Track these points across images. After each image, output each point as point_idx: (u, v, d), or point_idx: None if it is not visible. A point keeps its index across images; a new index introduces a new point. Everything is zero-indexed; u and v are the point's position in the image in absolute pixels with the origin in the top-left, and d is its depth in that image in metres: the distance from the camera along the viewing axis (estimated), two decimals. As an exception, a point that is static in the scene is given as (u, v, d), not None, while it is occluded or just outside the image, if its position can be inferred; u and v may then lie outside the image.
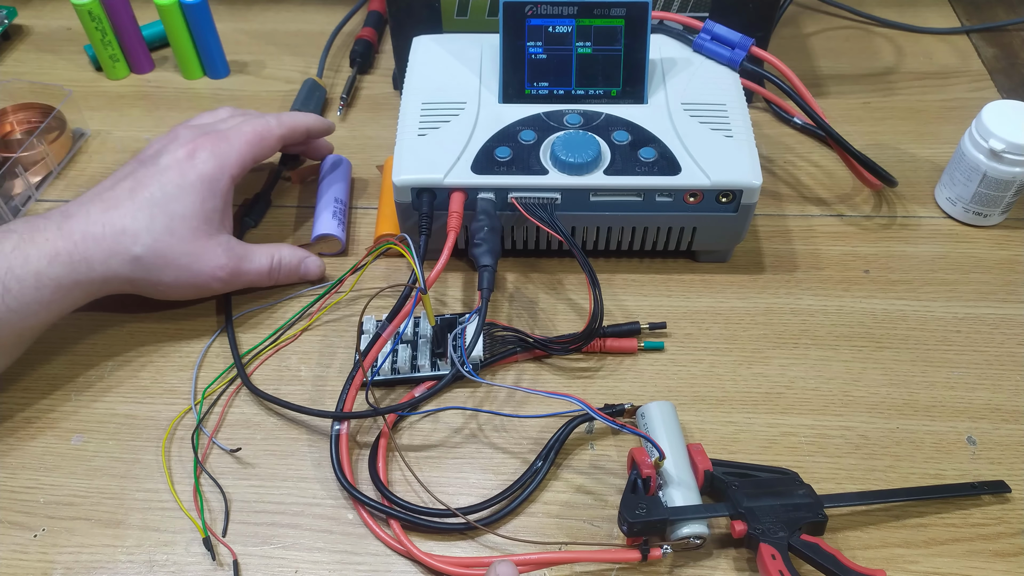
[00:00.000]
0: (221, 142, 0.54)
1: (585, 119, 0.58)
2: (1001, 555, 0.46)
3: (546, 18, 0.58)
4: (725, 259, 0.61)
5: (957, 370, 0.54)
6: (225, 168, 0.54)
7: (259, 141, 0.56)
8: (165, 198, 0.52)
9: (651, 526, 0.44)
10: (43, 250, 0.48)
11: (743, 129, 0.57)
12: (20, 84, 0.74)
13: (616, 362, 0.55)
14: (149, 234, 0.51)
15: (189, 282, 0.53)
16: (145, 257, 0.51)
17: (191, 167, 0.53)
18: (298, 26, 0.83)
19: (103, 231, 0.50)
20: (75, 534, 0.47)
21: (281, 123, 0.57)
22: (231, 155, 0.54)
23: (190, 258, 0.52)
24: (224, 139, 0.54)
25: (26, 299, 0.48)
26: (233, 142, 0.55)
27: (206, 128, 0.56)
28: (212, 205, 0.53)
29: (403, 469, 0.50)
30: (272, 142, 0.57)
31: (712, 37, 0.62)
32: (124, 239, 0.50)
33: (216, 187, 0.53)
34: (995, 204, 0.61)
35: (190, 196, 0.52)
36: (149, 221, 0.51)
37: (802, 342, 0.56)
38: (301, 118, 0.60)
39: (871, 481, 0.49)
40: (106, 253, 0.50)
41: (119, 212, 0.51)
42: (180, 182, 0.52)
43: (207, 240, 0.53)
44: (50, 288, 0.49)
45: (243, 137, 0.55)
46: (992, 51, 0.80)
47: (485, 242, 0.53)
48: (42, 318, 0.50)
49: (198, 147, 0.53)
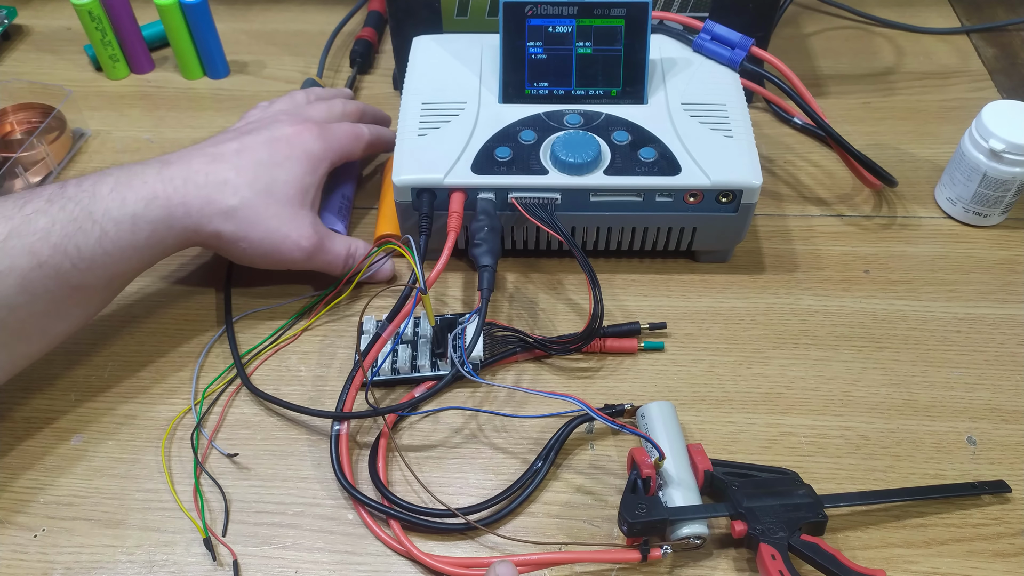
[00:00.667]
0: (326, 131, 0.57)
1: (585, 119, 0.58)
2: (1001, 555, 0.46)
3: (546, 18, 0.58)
4: (725, 259, 0.61)
5: (957, 370, 0.54)
6: (328, 152, 0.56)
7: (354, 140, 0.59)
8: (271, 162, 0.53)
9: (651, 526, 0.44)
10: (140, 193, 0.49)
11: (743, 129, 0.57)
12: (20, 84, 0.74)
13: (616, 362, 0.55)
14: (250, 188, 0.52)
15: (274, 245, 0.53)
16: (240, 209, 0.51)
17: (299, 143, 0.55)
18: (298, 26, 0.83)
19: (205, 179, 0.51)
20: (75, 534, 0.47)
21: (372, 132, 0.61)
22: (333, 143, 0.57)
23: (280, 220, 0.53)
24: (328, 129, 0.57)
25: (122, 242, 0.48)
26: (335, 133, 0.57)
27: (301, 115, 0.58)
28: (310, 181, 0.55)
29: (403, 469, 0.50)
30: (362, 146, 0.60)
31: (712, 37, 0.62)
32: (225, 189, 0.51)
33: (318, 166, 0.55)
34: (995, 204, 0.61)
35: (295, 166, 0.54)
36: (252, 178, 0.52)
37: (802, 342, 0.56)
38: (387, 134, 0.63)
39: (871, 481, 0.49)
40: (203, 201, 0.51)
41: (224, 166, 0.52)
42: (288, 152, 0.54)
43: (300, 209, 0.54)
44: (146, 232, 0.49)
45: (343, 131, 0.58)
46: (992, 51, 0.80)
47: (485, 242, 0.53)
48: (134, 263, 0.50)
49: (306, 129, 0.56)
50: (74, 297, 0.48)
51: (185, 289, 0.60)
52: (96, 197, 0.48)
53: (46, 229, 0.46)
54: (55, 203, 0.47)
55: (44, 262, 0.45)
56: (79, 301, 0.49)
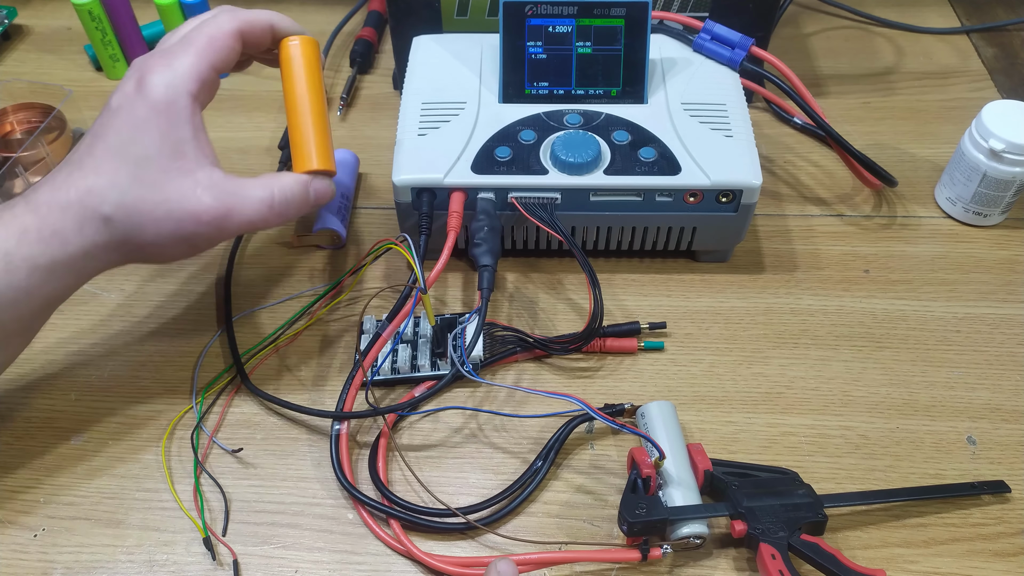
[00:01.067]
0: (167, 60, 0.45)
1: (585, 119, 0.58)
2: (1001, 555, 0.46)
3: (546, 18, 0.58)
4: (725, 259, 0.61)
5: (957, 370, 0.54)
6: (178, 88, 0.45)
7: (209, 44, 0.46)
8: (121, 143, 0.44)
9: (651, 526, 0.44)
10: (11, 228, 0.43)
11: (743, 129, 0.57)
12: (20, 84, 0.74)
13: (616, 362, 0.55)
14: (114, 188, 0.43)
15: (175, 235, 0.45)
16: (116, 216, 0.43)
17: (140, 99, 0.44)
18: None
19: (68, 196, 0.43)
20: (75, 534, 0.47)
21: (235, 16, 0.47)
22: (181, 71, 0.45)
23: (167, 207, 0.44)
24: (169, 55, 0.46)
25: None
26: (180, 56, 0.45)
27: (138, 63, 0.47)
28: (177, 136, 0.44)
29: (403, 469, 0.50)
30: (226, 41, 0.47)
31: (712, 37, 0.62)
32: (91, 200, 0.43)
33: (175, 113, 0.44)
34: (995, 204, 0.61)
35: (148, 133, 0.44)
36: (113, 174, 0.43)
37: (802, 342, 0.56)
38: (262, 12, 0.49)
39: (871, 481, 0.49)
40: (77, 221, 0.43)
41: (82, 172, 0.44)
42: (132, 120, 0.44)
43: (182, 180, 0.44)
44: (24, 271, 0.42)
45: (190, 47, 0.46)
46: (992, 51, 0.80)
47: (485, 242, 0.53)
48: (24, 308, 0.43)
49: (144, 73, 0.45)
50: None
51: (185, 289, 0.60)
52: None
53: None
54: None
55: None
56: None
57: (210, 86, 0.46)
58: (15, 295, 0.43)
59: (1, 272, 0.42)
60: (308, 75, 0.49)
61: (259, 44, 0.49)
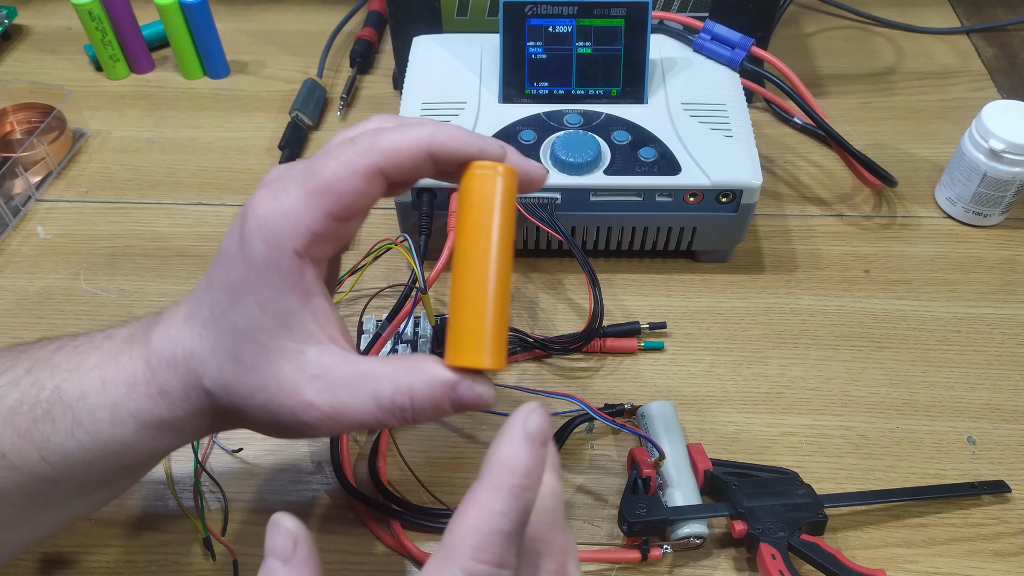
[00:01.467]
0: (274, 200, 0.33)
1: (585, 119, 0.58)
2: (1001, 555, 0.46)
3: (546, 18, 0.58)
4: (725, 259, 0.61)
5: (957, 370, 0.54)
6: (281, 246, 0.33)
7: (328, 188, 0.33)
8: (220, 306, 0.34)
9: (651, 526, 0.44)
10: (123, 373, 0.36)
11: (743, 129, 0.57)
12: (20, 84, 0.74)
13: (616, 362, 0.55)
14: (214, 359, 0.34)
15: (276, 426, 0.35)
16: (216, 392, 0.35)
17: (239, 255, 0.34)
18: (298, 26, 0.83)
19: (175, 354, 0.35)
20: (75, 534, 0.47)
21: (375, 146, 0.33)
22: (286, 223, 0.33)
23: (264, 395, 0.34)
24: (279, 192, 0.33)
25: (102, 436, 0.35)
26: (289, 197, 0.33)
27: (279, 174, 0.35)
28: (280, 307, 0.33)
29: (403, 469, 0.50)
30: (354, 183, 0.33)
31: (712, 37, 0.62)
32: (194, 366, 0.35)
33: (277, 279, 0.33)
34: (995, 204, 0.61)
35: (245, 301, 0.34)
36: (213, 341, 0.35)
37: (802, 342, 0.56)
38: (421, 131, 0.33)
39: (871, 481, 0.49)
40: (183, 386, 0.35)
41: (190, 326, 0.35)
42: (230, 280, 0.34)
43: (283, 364, 0.33)
44: (131, 425, 0.35)
45: (304, 187, 0.33)
46: (992, 51, 0.80)
47: (485, 242, 0.53)
48: (128, 459, 0.37)
49: (246, 216, 0.33)
50: (53, 493, 0.37)
51: (185, 289, 0.60)
52: (75, 374, 0.36)
53: (13, 409, 0.35)
54: (34, 372, 0.36)
55: (7, 451, 0.35)
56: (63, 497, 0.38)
57: (328, 237, 0.33)
58: (119, 448, 0.36)
59: (106, 423, 0.36)
60: (502, 222, 0.32)
61: (412, 176, 0.34)
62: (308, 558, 0.29)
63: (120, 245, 0.63)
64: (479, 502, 0.28)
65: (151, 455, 0.38)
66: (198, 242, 0.63)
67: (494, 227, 0.32)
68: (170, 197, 0.66)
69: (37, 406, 0.35)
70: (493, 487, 0.28)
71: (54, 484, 0.36)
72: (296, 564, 0.29)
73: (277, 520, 0.29)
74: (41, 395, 0.36)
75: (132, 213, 0.65)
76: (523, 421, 0.30)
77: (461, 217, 0.33)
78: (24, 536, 0.39)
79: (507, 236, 0.32)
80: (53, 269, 0.61)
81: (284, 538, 0.29)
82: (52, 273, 0.61)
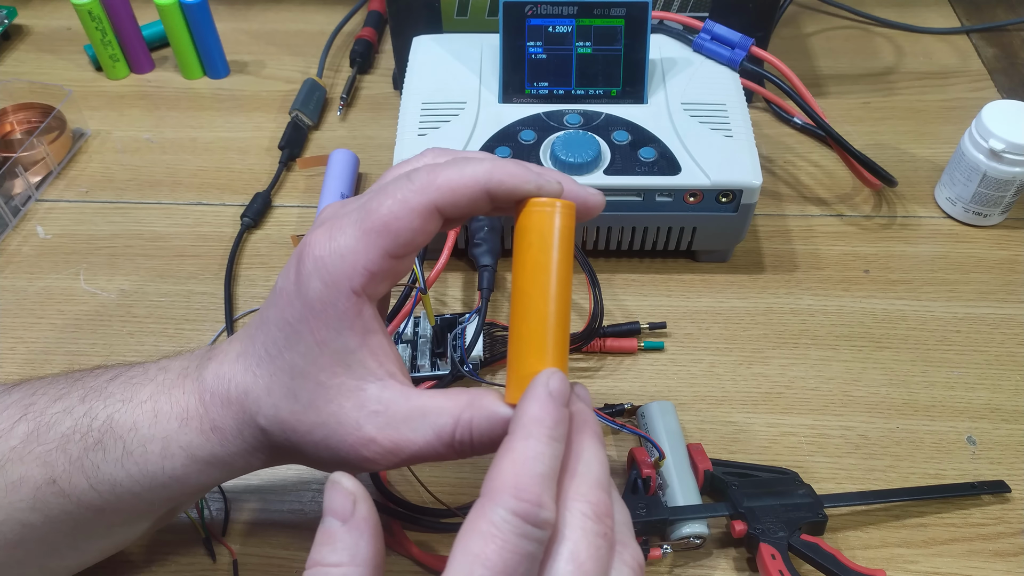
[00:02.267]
0: (330, 239, 0.33)
1: (585, 119, 0.58)
2: (1001, 555, 0.46)
3: (546, 18, 0.58)
4: (725, 259, 0.61)
5: (957, 370, 0.54)
6: (339, 285, 0.33)
7: (385, 227, 0.33)
8: (276, 346, 0.34)
9: (651, 526, 0.44)
10: (176, 407, 0.36)
11: (743, 129, 0.57)
12: (20, 84, 0.74)
13: (616, 362, 0.55)
14: (269, 398, 0.35)
15: (335, 462, 0.35)
16: (271, 430, 0.35)
17: (296, 294, 0.34)
18: (298, 26, 0.83)
19: (228, 392, 0.36)
20: (75, 534, 0.47)
21: (432, 182, 0.33)
22: (344, 262, 0.33)
23: (324, 431, 0.34)
24: (335, 231, 0.33)
25: (151, 467, 0.36)
26: (346, 236, 0.33)
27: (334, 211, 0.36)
28: (338, 346, 0.33)
29: (403, 469, 0.50)
30: (411, 222, 0.33)
31: (712, 37, 0.62)
32: (248, 404, 0.35)
33: (335, 319, 0.33)
34: (995, 204, 0.61)
35: (302, 340, 0.34)
36: (268, 379, 0.35)
37: (802, 342, 0.56)
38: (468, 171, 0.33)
39: (871, 481, 0.49)
40: (237, 424, 0.36)
41: (244, 364, 0.36)
42: (285, 319, 0.34)
43: (342, 401, 0.34)
44: (181, 459, 0.36)
45: (360, 225, 0.33)
46: (992, 51, 0.80)
47: (485, 242, 0.53)
48: (175, 492, 0.37)
49: (302, 256, 0.34)
50: (100, 521, 0.37)
51: (185, 289, 0.60)
52: (128, 404, 0.36)
53: (66, 436, 0.36)
54: (88, 401, 0.37)
55: (58, 477, 0.36)
56: (109, 526, 0.38)
57: (385, 275, 0.34)
58: (167, 480, 0.36)
59: (157, 455, 0.36)
60: (560, 260, 0.33)
61: (468, 212, 0.34)
62: (367, 518, 0.30)
63: (120, 245, 0.63)
64: (513, 450, 0.29)
65: (199, 488, 0.38)
66: (198, 242, 0.63)
67: (553, 265, 0.32)
68: (170, 197, 0.66)
69: (89, 435, 0.36)
70: (524, 437, 0.30)
71: (101, 512, 0.37)
72: (355, 523, 0.29)
73: (336, 479, 0.30)
74: (94, 424, 0.36)
75: (132, 213, 0.65)
76: (545, 382, 0.31)
77: (519, 255, 0.33)
78: (68, 562, 0.39)
79: (565, 274, 0.33)
80: (53, 269, 0.61)
81: (343, 498, 0.30)
82: (52, 273, 0.61)
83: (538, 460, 0.29)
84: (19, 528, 0.36)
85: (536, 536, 0.28)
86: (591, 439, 0.32)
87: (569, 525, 0.29)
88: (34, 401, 0.37)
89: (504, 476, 0.29)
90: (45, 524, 0.36)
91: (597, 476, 0.31)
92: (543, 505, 0.28)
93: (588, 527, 0.30)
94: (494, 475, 0.29)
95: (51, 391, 0.37)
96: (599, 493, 0.31)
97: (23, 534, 0.36)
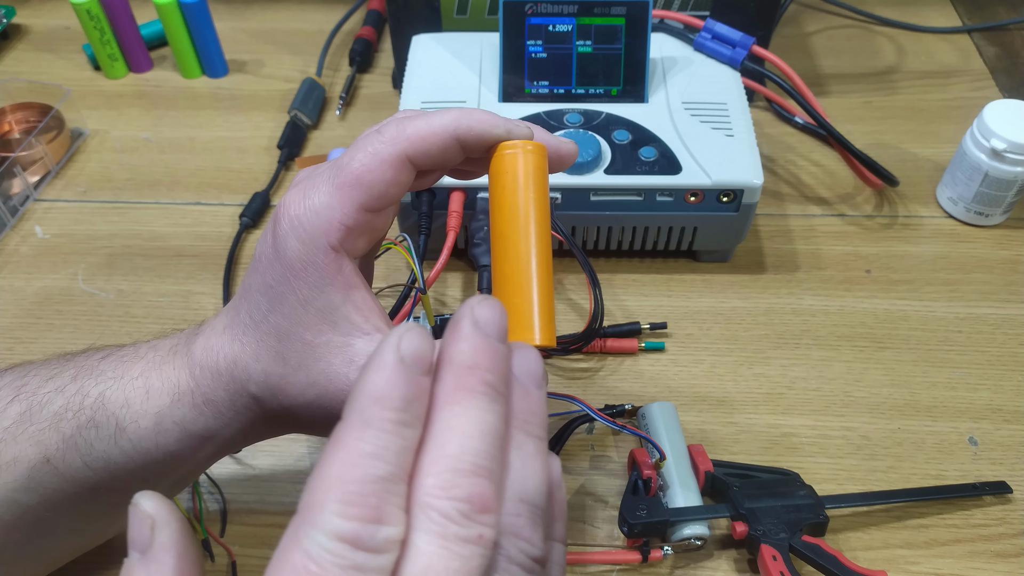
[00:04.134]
0: (303, 198, 0.33)
1: (585, 118, 0.58)
2: (1002, 556, 0.46)
3: (546, 17, 0.57)
4: (726, 259, 0.61)
5: (959, 370, 0.54)
6: (315, 243, 0.33)
7: (357, 180, 0.32)
8: (259, 310, 0.34)
9: (652, 527, 0.44)
10: (167, 383, 0.36)
11: (744, 128, 0.57)
12: (18, 83, 0.73)
13: (616, 362, 0.55)
14: (258, 364, 0.34)
15: (330, 420, 0.30)
16: (263, 396, 0.35)
17: (274, 257, 0.34)
18: (297, 25, 0.83)
19: (218, 363, 0.35)
20: (73, 535, 0.47)
21: (401, 134, 0.33)
22: (319, 218, 0.33)
23: (315, 391, 0.34)
24: (308, 189, 0.33)
25: (145, 443, 0.36)
26: (316, 197, 0.33)
27: (307, 173, 0.35)
28: (322, 303, 0.33)
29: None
30: (383, 173, 0.32)
31: (713, 36, 0.62)
32: (239, 373, 0.35)
33: (315, 276, 0.33)
34: (997, 204, 0.61)
35: (285, 301, 0.34)
36: (255, 346, 0.35)
37: (803, 342, 0.56)
38: (447, 116, 0.33)
39: (872, 482, 0.49)
40: (229, 394, 0.35)
41: (231, 334, 0.35)
42: (267, 283, 0.34)
43: (331, 358, 0.34)
44: (175, 434, 0.35)
45: (332, 181, 0.33)
46: (994, 50, 0.79)
47: (485, 241, 0.53)
48: (174, 470, 0.37)
49: (278, 217, 0.33)
50: (96, 500, 0.37)
51: (183, 289, 0.59)
52: (120, 381, 0.36)
53: (59, 415, 0.36)
54: (79, 379, 0.36)
55: (52, 456, 0.35)
56: (105, 506, 0.38)
57: (362, 229, 0.33)
58: (162, 456, 0.36)
59: (150, 431, 0.35)
60: (536, 199, 0.32)
61: (440, 162, 0.34)
62: (169, 546, 0.25)
63: (118, 245, 0.62)
64: (342, 445, 0.22)
65: (195, 465, 0.38)
66: (196, 242, 0.63)
67: (530, 204, 0.32)
68: (168, 197, 0.66)
69: (81, 412, 0.35)
70: (359, 425, 0.23)
71: (96, 491, 0.36)
72: (153, 555, 0.25)
73: (135, 500, 0.26)
74: (85, 402, 0.36)
75: (130, 213, 0.65)
76: (396, 344, 0.24)
77: (495, 199, 0.33)
78: (67, 544, 0.40)
79: (543, 212, 0.32)
80: (51, 269, 0.61)
81: (139, 523, 0.26)
82: (50, 273, 0.61)
83: (377, 459, 0.22)
84: (15, 508, 0.36)
85: (374, 566, 0.21)
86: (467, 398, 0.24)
87: (421, 532, 0.22)
88: (26, 382, 0.37)
89: (327, 484, 0.22)
90: (41, 504, 0.36)
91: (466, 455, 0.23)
92: (382, 519, 0.21)
93: (449, 532, 0.22)
94: (314, 483, 0.22)
95: (43, 372, 0.37)
96: (469, 481, 0.23)
97: (19, 515, 0.36)
